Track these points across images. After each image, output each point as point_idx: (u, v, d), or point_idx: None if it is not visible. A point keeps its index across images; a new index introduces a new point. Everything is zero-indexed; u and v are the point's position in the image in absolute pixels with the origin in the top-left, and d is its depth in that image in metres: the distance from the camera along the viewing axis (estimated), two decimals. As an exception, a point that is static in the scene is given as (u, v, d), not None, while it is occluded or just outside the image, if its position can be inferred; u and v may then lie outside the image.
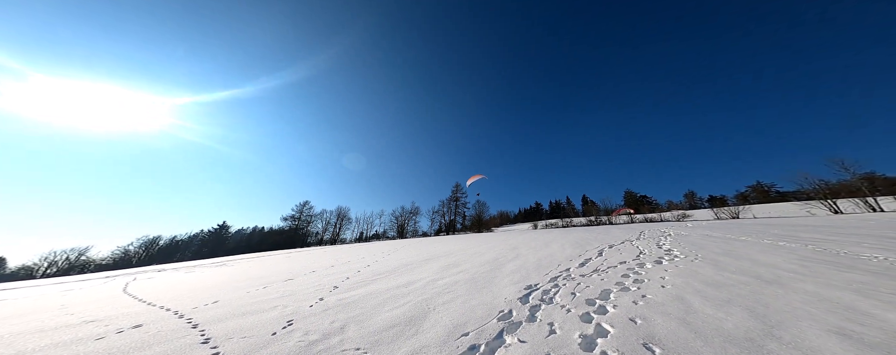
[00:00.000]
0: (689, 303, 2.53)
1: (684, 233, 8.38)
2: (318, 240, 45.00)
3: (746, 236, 6.74)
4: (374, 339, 2.14)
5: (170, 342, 2.23)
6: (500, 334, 2.20)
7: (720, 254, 4.67)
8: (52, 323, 3.16)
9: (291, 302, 3.39)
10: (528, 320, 2.45)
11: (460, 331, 2.26)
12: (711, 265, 3.95)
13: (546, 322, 2.38)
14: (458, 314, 2.67)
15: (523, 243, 8.75)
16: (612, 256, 5.23)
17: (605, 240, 7.99)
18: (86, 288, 6.66)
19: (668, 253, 5.23)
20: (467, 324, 2.41)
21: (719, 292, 2.78)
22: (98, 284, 7.27)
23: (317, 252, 13.69)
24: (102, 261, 41.51)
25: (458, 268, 5.18)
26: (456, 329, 2.32)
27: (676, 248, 5.66)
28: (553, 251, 6.50)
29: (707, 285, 3.03)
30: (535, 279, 3.92)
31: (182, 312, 3.24)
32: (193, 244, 47.83)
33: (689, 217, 20.06)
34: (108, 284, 7.01)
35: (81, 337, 2.49)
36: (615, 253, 5.61)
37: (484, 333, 2.22)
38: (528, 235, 12.59)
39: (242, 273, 6.93)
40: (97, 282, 7.81)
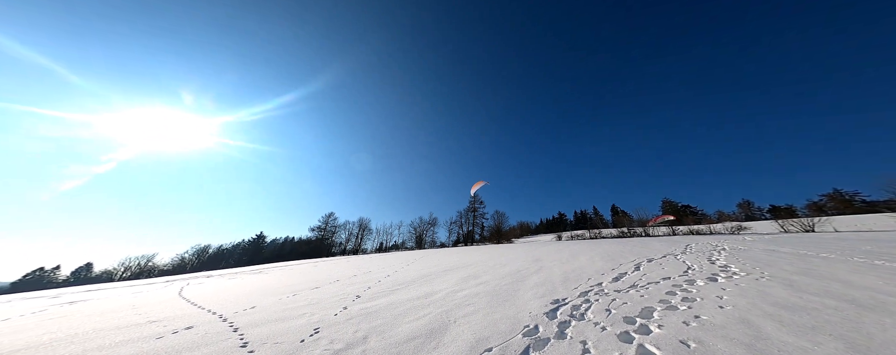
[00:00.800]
0: (758, 328, 2.13)
1: (742, 248, 7.21)
2: (342, 250, 46.67)
3: (828, 252, 5.59)
4: (395, 351, 2.12)
5: (215, 344, 2.43)
6: (527, 351, 2.04)
7: (795, 273, 3.91)
8: (124, 321, 3.63)
9: (318, 310, 3.52)
10: (557, 337, 2.25)
11: (483, 346, 2.15)
12: (784, 285, 3.32)
13: (578, 340, 2.16)
14: (480, 327, 2.54)
15: (547, 255, 8.20)
16: (653, 271, 4.67)
17: (643, 253, 7.17)
18: (151, 290, 7.59)
19: (723, 269, 4.53)
20: (490, 339, 2.28)
21: (799, 317, 2.31)
22: (160, 287, 8.25)
23: (340, 261, 14.18)
24: (164, 266, 47.30)
25: (477, 280, 5.00)
26: (478, 343, 2.20)
27: (734, 264, 4.88)
28: (581, 264, 5.99)
29: (781, 308, 2.54)
30: (562, 293, 3.62)
31: (225, 316, 3.53)
32: (236, 252, 52.56)
33: (746, 229, 17.24)
34: (168, 288, 7.91)
35: (146, 336, 2.83)
36: (656, 267, 5.00)
37: (508, 349, 2.08)
38: (551, 247, 11.79)
39: (275, 280, 7.39)
40: (159, 286, 8.87)
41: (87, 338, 2.89)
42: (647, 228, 20.17)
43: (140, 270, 45.53)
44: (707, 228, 19.27)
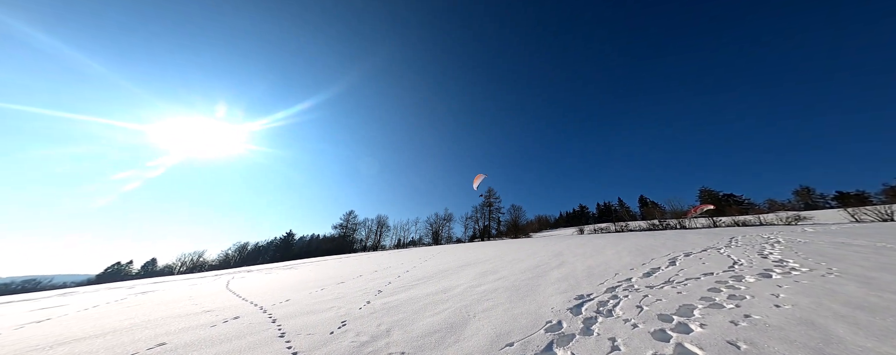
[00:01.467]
0: (826, 331, 1.85)
1: (802, 240, 6.32)
2: (363, 247, 48.80)
3: (917, 242, 4.68)
4: (417, 344, 2.17)
5: (258, 334, 2.68)
6: (549, 346, 1.98)
7: (872, 269, 3.33)
8: (184, 310, 4.14)
9: (343, 303, 3.71)
10: (583, 333, 2.15)
11: (504, 341, 2.12)
12: (859, 282, 2.85)
13: (606, 336, 2.05)
14: (501, 323, 2.51)
15: (568, 249, 7.87)
16: (691, 266, 4.27)
17: (678, 247, 6.59)
18: (203, 283, 8.58)
19: (779, 264, 4.01)
20: (511, 334, 2.24)
21: (881, 319, 1.97)
22: (210, 281, 9.29)
23: (362, 257, 14.87)
24: (212, 261, 53.19)
25: (496, 275, 4.94)
26: (499, 338, 2.18)
27: (793, 259, 4.29)
28: (607, 258, 5.66)
29: (856, 308, 2.19)
30: (586, 289, 3.45)
31: (265, 307, 3.87)
32: (270, 249, 57.51)
33: (805, 219, 14.87)
34: (217, 281, 8.88)
35: (202, 324, 3.20)
36: (694, 262, 4.57)
37: (531, 344, 2.03)
38: (573, 241, 11.28)
39: (305, 276, 7.95)
40: (210, 279, 9.98)
41: (157, 324, 3.34)
42: (683, 220, 18.31)
43: (193, 265, 51.73)
44: (756, 219, 17.10)
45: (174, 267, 52.02)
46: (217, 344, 2.44)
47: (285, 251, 55.94)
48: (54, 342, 2.93)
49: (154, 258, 57.67)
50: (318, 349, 2.17)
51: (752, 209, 32.53)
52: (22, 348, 2.80)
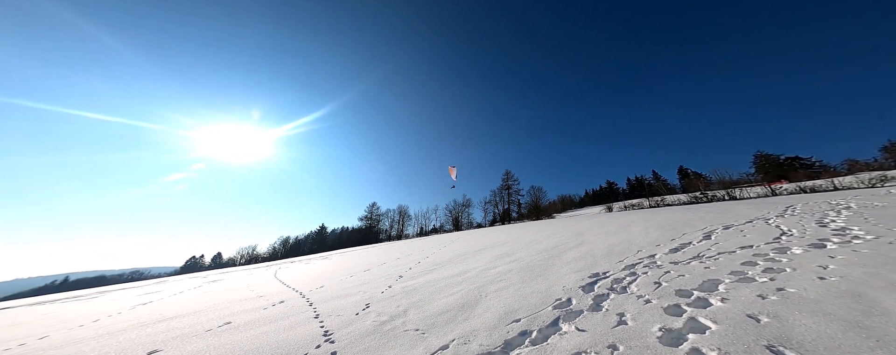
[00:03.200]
0: (872, 303, 1.65)
1: (881, 204, 5.36)
2: (387, 236, 51.76)
3: None
4: (430, 322, 2.38)
5: (298, 315, 3.14)
6: (556, 322, 2.04)
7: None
8: (244, 296, 4.94)
9: (368, 288, 4.12)
10: (592, 309, 2.17)
11: (511, 318, 2.23)
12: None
13: (614, 312, 2.05)
14: (510, 301, 2.62)
15: (591, 228, 7.59)
16: (729, 239, 3.91)
17: (719, 219, 6.00)
18: (257, 273, 10.00)
19: (839, 232, 3.50)
20: (519, 311, 2.34)
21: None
22: (262, 271, 10.78)
23: (386, 246, 15.93)
24: (263, 254, 61.02)
25: (511, 257, 5.02)
26: (507, 315, 2.29)
27: (859, 226, 3.71)
28: (631, 236, 5.39)
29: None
30: (603, 266, 3.38)
31: (304, 293, 4.45)
32: (307, 242, 64.10)
33: (892, 180, 12.19)
34: (267, 271, 10.28)
35: (257, 307, 3.82)
36: (734, 235, 4.17)
37: (537, 320, 2.11)
38: (597, 219, 10.80)
39: (337, 265, 8.83)
40: (262, 270, 11.58)
41: (223, 307, 4.07)
42: (734, 190, 16.08)
43: (249, 258, 59.95)
44: (829, 183, 14.52)
45: (235, 259, 60.95)
46: (268, 323, 2.92)
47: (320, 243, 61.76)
48: (156, 319, 3.74)
49: (219, 252, 68.07)
50: (345, 328, 2.49)
51: (826, 172, 27.28)
52: (137, 324, 3.63)
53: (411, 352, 1.85)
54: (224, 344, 2.34)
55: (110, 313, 5.09)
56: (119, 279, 72.86)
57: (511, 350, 1.75)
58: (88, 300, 8.39)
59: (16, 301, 11.97)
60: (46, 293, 26.73)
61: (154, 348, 2.49)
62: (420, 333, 2.18)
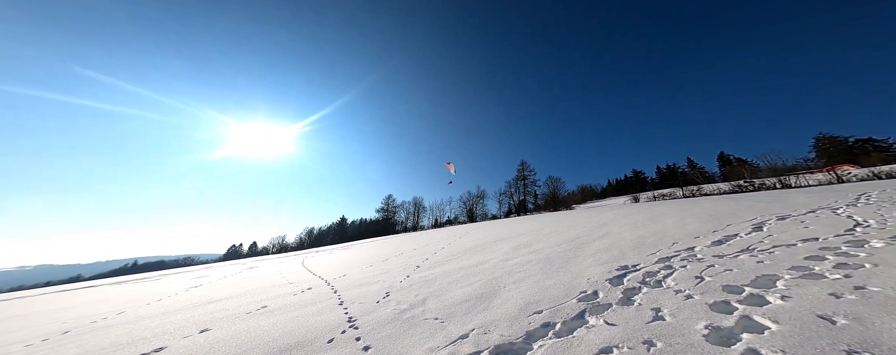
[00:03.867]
0: None
1: None
2: (404, 228, 53.32)
3: None
4: (449, 311, 2.38)
5: (324, 301, 3.34)
6: (581, 314, 1.93)
7: None
8: (276, 282, 5.38)
9: (387, 278, 4.24)
10: (622, 303, 2.01)
11: (532, 309, 2.15)
12: None
13: (649, 307, 1.88)
14: (530, 293, 2.53)
15: (615, 219, 7.13)
16: (787, 231, 3.43)
17: (771, 209, 5.32)
18: (287, 261, 10.86)
19: (938, 220, 2.89)
20: (540, 303, 2.25)
21: None
22: (291, 259, 11.68)
23: (403, 237, 16.41)
24: (292, 244, 66.35)
25: (529, 249, 4.88)
26: (528, 306, 2.22)
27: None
28: (664, 227, 4.96)
29: None
30: (632, 259, 3.14)
31: (329, 281, 4.73)
32: (329, 233, 68.45)
33: None
34: (295, 260, 11.12)
35: (288, 293, 4.13)
36: (792, 226, 3.65)
37: (560, 312, 2.01)
38: (623, 210, 10.12)
39: (357, 255, 9.27)
40: (291, 258, 12.55)
41: (259, 292, 4.46)
42: (788, 177, 13.99)
43: (280, 247, 65.58)
44: (913, 165, 12.13)
45: (268, 248, 67.14)
46: (299, 308, 3.13)
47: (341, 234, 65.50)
48: (205, 301, 4.20)
49: (255, 241, 75.27)
50: (368, 315, 2.58)
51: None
52: (190, 304, 4.11)
53: (431, 340, 1.86)
54: (262, 327, 2.54)
55: (169, 294, 5.83)
56: (175, 264, 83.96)
57: (534, 341, 1.69)
58: (153, 282, 9.72)
59: (101, 280, 14.27)
60: (122, 274, 31.71)
61: (205, 327, 2.78)
62: (439, 322, 2.18)
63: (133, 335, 2.79)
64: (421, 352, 1.71)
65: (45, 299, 8.26)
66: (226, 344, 2.19)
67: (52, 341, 3.07)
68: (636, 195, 23.55)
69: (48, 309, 6.01)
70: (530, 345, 1.65)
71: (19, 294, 10.86)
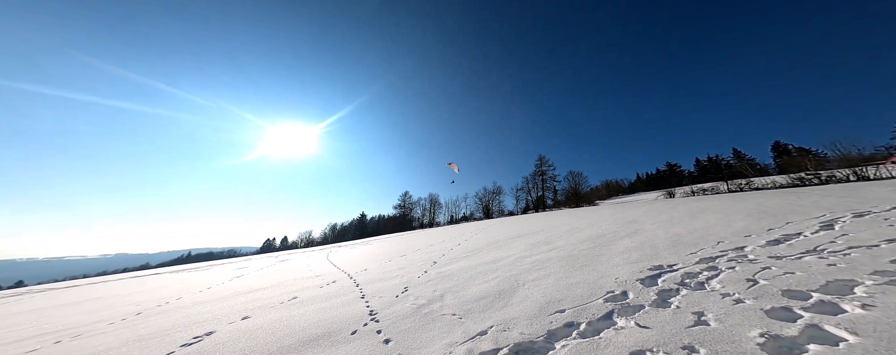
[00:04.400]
0: None
1: None
2: (420, 224, 54.16)
3: None
4: (467, 308, 2.36)
5: (347, 294, 3.51)
6: (609, 315, 1.80)
7: None
8: (304, 275, 5.78)
9: (405, 273, 4.34)
10: (656, 305, 1.84)
11: (554, 308, 2.05)
12: None
13: (689, 310, 1.70)
14: (551, 291, 2.42)
15: (646, 216, 6.58)
16: (864, 230, 2.91)
17: (844, 205, 4.54)
18: (313, 255, 11.64)
19: None
20: (562, 302, 2.14)
21: None
22: (317, 254, 12.49)
23: (419, 234, 16.70)
24: (318, 238, 70.98)
25: (549, 246, 4.68)
26: (549, 305, 2.12)
27: None
28: (705, 224, 4.47)
29: None
30: (668, 258, 2.87)
31: (351, 275, 4.97)
32: (350, 228, 72.07)
33: None
34: (321, 254, 11.87)
35: (315, 285, 4.42)
36: (874, 225, 3.09)
37: (585, 312, 1.90)
38: (655, 206, 9.29)
39: (377, 250, 9.63)
40: (317, 253, 13.43)
41: (291, 283, 4.83)
42: (866, 168, 11.45)
43: (307, 241, 70.61)
44: None
45: (297, 242, 72.66)
46: (325, 300, 3.33)
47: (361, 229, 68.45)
48: (246, 290, 4.65)
49: (286, 236, 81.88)
50: (387, 308, 2.66)
51: None
52: (234, 293, 4.58)
53: (450, 336, 1.86)
54: (293, 316, 2.74)
55: (217, 283, 6.55)
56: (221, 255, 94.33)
57: (556, 340, 1.61)
58: (203, 271, 10.99)
59: (164, 269, 16.49)
60: (179, 263, 36.42)
61: (246, 314, 3.07)
62: (457, 318, 2.18)
63: (189, 319, 3.17)
64: (440, 347, 1.72)
65: (122, 284, 9.73)
66: (263, 331, 2.40)
67: (129, 320, 3.61)
68: (671, 190, 21.46)
69: (124, 292, 7.08)
70: (552, 345, 1.57)
71: (103, 279, 12.94)
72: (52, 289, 9.49)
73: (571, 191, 36.13)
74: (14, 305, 6.54)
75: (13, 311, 5.70)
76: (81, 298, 6.44)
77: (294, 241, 75.15)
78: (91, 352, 2.33)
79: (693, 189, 19.46)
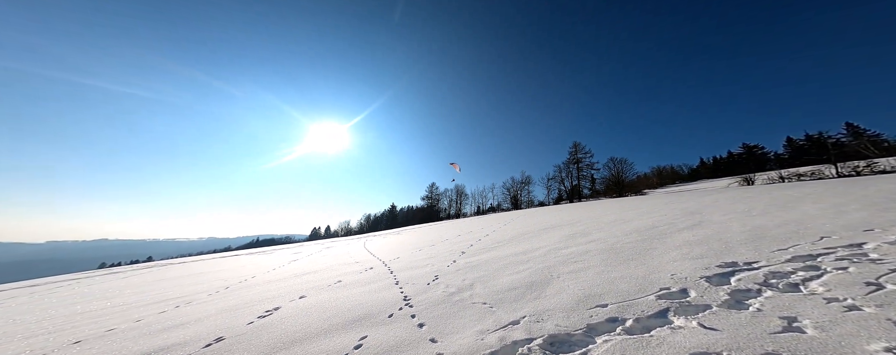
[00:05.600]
0: None
1: None
2: (447, 215, 54.93)
3: None
4: (497, 297, 2.34)
5: (384, 280, 3.79)
6: (663, 313, 1.59)
7: None
8: (345, 261, 6.43)
9: (435, 262, 4.48)
10: (728, 306, 1.56)
11: (595, 302, 1.89)
12: None
13: (776, 314, 1.39)
14: (591, 285, 2.24)
15: (714, 205, 5.56)
16: None
17: None
18: (353, 243, 12.83)
19: None
20: (604, 296, 1.96)
21: None
22: (355, 242, 13.71)
23: (447, 224, 17.00)
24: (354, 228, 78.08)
25: (587, 238, 4.31)
26: (588, 299, 1.97)
27: None
28: (803, 215, 3.60)
29: None
30: (745, 255, 2.39)
31: (385, 262, 5.34)
32: (383, 219, 77.23)
33: None
34: (358, 242, 13.00)
35: (354, 271, 4.88)
36: None
37: (631, 308, 1.71)
38: (726, 194, 7.75)
39: (407, 239, 10.14)
40: (355, 241, 14.74)
41: (335, 268, 5.43)
42: None
43: (346, 230, 78.22)
44: None
45: (337, 231, 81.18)
46: (365, 284, 3.65)
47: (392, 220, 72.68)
48: (300, 273, 5.39)
49: (328, 225, 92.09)
50: (420, 295, 2.79)
51: None
52: (291, 275, 5.35)
53: (481, 323, 1.87)
54: (339, 297, 3.07)
55: (279, 265, 7.72)
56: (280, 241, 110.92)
57: (596, 335, 1.49)
58: (268, 255, 13.07)
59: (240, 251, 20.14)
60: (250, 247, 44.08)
61: (302, 294, 3.54)
62: (488, 307, 2.17)
63: (261, 295, 3.80)
64: (471, 333, 1.74)
65: (213, 262, 12.17)
66: (316, 309, 2.74)
67: (220, 293, 4.50)
68: (749, 176, 17.58)
69: (215, 270, 8.84)
70: (592, 339, 1.46)
71: (200, 258, 16.42)
72: (169, 265, 12.38)
73: (613, 180, 32.39)
74: (148, 275, 8.74)
75: (148, 280, 7.62)
76: (187, 273, 8.26)
77: (335, 230, 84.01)
78: (200, 316, 2.97)
79: (782, 174, 15.68)
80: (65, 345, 2.42)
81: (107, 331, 2.73)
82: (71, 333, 2.81)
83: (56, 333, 2.89)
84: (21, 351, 2.40)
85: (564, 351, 1.40)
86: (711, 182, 27.42)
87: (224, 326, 2.46)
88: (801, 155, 33.42)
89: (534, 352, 1.43)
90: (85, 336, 2.65)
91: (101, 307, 4.25)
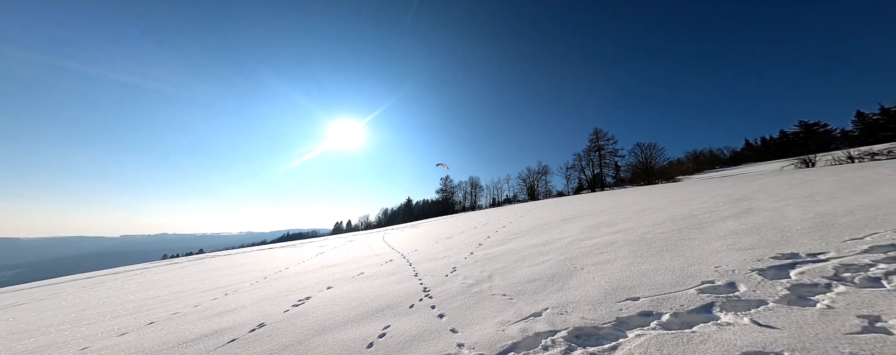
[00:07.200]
0: None
1: None
2: (462, 207, 55.11)
3: None
4: (517, 289, 2.30)
5: (403, 272, 3.90)
6: (707, 308, 1.44)
7: None
8: (366, 253, 6.74)
9: (453, 254, 4.52)
10: (787, 302, 1.37)
11: (624, 295, 1.78)
12: None
13: (851, 312, 1.20)
14: (619, 277, 2.10)
15: (765, 190, 4.93)
16: None
17: None
18: (372, 237, 13.41)
19: None
20: (635, 289, 1.83)
21: None
22: (375, 235, 14.32)
23: (463, 217, 17.05)
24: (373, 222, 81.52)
25: (613, 228, 4.07)
26: (617, 292, 1.85)
27: None
28: (882, 199, 3.08)
29: None
30: (808, 245, 2.09)
31: (404, 255, 5.50)
32: (400, 213, 79.72)
33: None
34: (377, 235, 13.56)
35: (376, 263, 5.09)
36: None
37: (667, 302, 1.57)
38: (779, 178, 6.83)
39: (424, 232, 10.35)
40: (375, 234, 15.40)
41: (358, 261, 5.71)
42: None
43: (366, 224, 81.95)
44: None
45: (358, 225, 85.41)
46: (386, 276, 3.79)
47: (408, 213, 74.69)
48: (327, 265, 5.75)
49: (350, 219, 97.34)
50: (439, 286, 2.83)
51: None
52: (318, 266, 5.74)
53: (501, 315, 1.85)
54: (363, 288, 3.22)
55: (308, 258, 8.31)
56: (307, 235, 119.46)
57: (627, 328, 1.40)
58: (298, 248, 14.13)
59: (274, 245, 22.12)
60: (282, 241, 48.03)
61: (330, 285, 3.76)
62: (508, 298, 2.14)
63: (294, 285, 4.11)
64: (491, 324, 1.73)
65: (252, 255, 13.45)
66: (343, 299, 2.90)
67: (260, 282, 4.95)
68: (807, 157, 15.25)
69: (254, 262, 9.75)
70: (623, 333, 1.37)
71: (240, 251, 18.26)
72: (216, 256, 13.88)
73: (640, 166, 30.08)
74: (202, 265, 9.91)
75: (201, 270, 8.62)
76: (231, 264, 9.21)
77: (356, 224, 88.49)
78: (245, 303, 3.30)
79: (851, 153, 13.46)
80: (142, 326, 2.82)
81: (173, 314, 3.13)
82: (145, 315, 3.28)
83: (135, 314, 3.39)
84: (111, 328, 2.86)
85: (592, 345, 1.33)
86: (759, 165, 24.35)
87: (264, 313, 2.70)
88: (875, 131, 28.16)
89: (558, 344, 1.39)
90: (156, 318, 3.07)
91: (166, 293, 4.87)
